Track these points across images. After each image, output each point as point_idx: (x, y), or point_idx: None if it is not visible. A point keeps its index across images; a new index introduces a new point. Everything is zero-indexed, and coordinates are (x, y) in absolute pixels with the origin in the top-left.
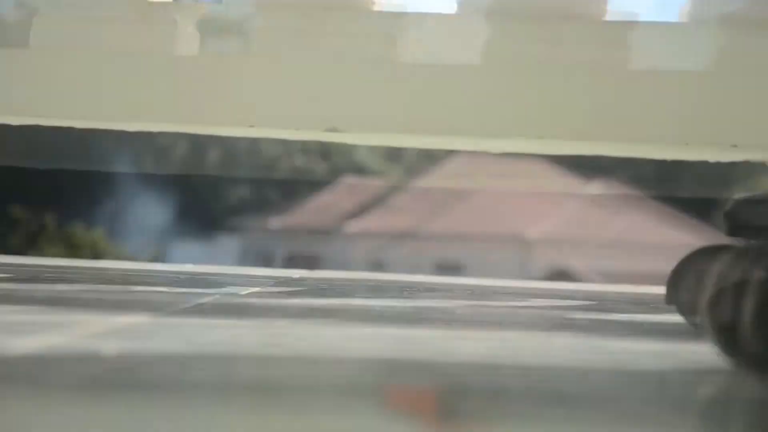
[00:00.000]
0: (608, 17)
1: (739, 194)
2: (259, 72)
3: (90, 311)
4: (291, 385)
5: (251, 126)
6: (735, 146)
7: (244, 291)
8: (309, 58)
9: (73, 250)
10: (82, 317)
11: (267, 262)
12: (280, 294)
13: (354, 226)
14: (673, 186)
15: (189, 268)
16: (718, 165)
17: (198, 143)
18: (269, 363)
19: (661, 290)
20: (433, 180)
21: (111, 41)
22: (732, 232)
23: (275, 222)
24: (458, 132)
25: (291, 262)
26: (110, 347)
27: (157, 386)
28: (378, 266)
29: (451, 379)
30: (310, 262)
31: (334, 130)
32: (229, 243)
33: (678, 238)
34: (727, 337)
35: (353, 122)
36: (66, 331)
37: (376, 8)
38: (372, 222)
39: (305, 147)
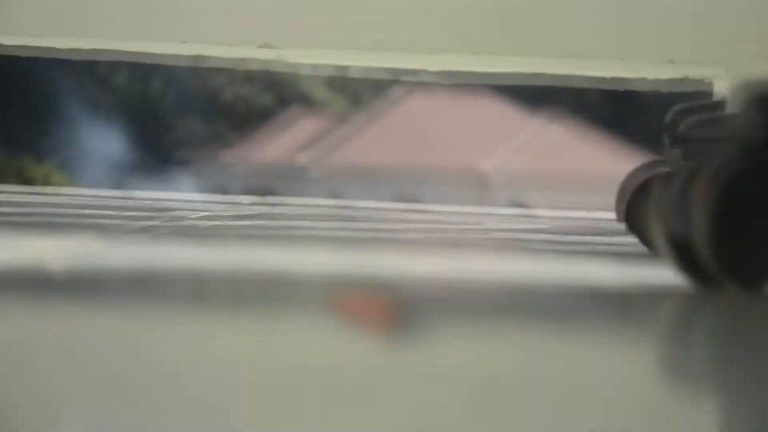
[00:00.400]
0: None
1: (677, 105)
2: None
3: (36, 232)
4: (241, 300)
5: (183, 42)
6: (671, 61)
7: (195, 215)
8: None
9: (25, 183)
10: (27, 238)
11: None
12: (231, 218)
13: (307, 160)
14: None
15: (139, 194)
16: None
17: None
18: (217, 279)
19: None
20: (385, 112)
21: None
22: (674, 144)
23: (228, 155)
24: (396, 48)
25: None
26: (57, 264)
27: (106, 299)
28: (335, 198)
29: (402, 293)
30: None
31: (267, 45)
32: (182, 176)
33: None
34: (680, 253)
35: (288, 38)
36: (10, 250)
37: None
38: (326, 155)
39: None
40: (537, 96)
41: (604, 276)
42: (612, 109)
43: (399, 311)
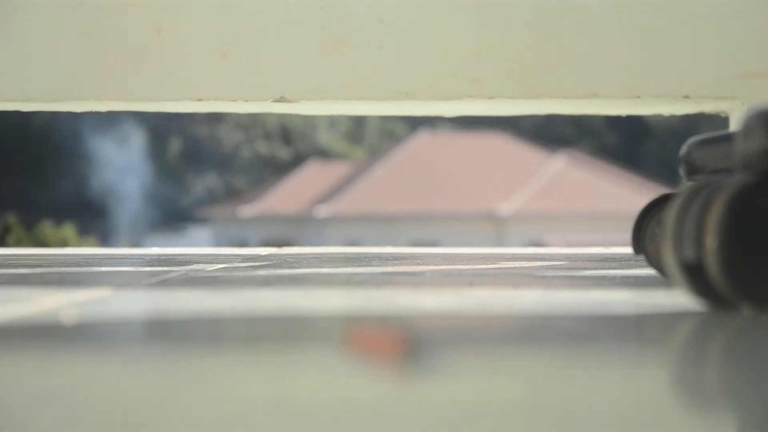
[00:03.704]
0: None
1: (692, 138)
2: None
3: (52, 288)
4: (257, 341)
5: (199, 100)
6: (687, 97)
7: (211, 267)
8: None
9: (42, 247)
10: (42, 293)
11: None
12: (247, 268)
13: (325, 211)
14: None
15: (155, 250)
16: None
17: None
18: (233, 323)
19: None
20: (398, 158)
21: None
22: (690, 176)
23: (245, 210)
24: (410, 96)
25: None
26: (70, 315)
27: (122, 347)
28: (353, 245)
29: (415, 327)
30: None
31: (283, 100)
32: (201, 233)
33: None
34: (694, 277)
35: (303, 91)
36: (26, 304)
37: None
38: (343, 205)
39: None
40: (554, 137)
41: (617, 301)
42: (628, 147)
43: (412, 345)
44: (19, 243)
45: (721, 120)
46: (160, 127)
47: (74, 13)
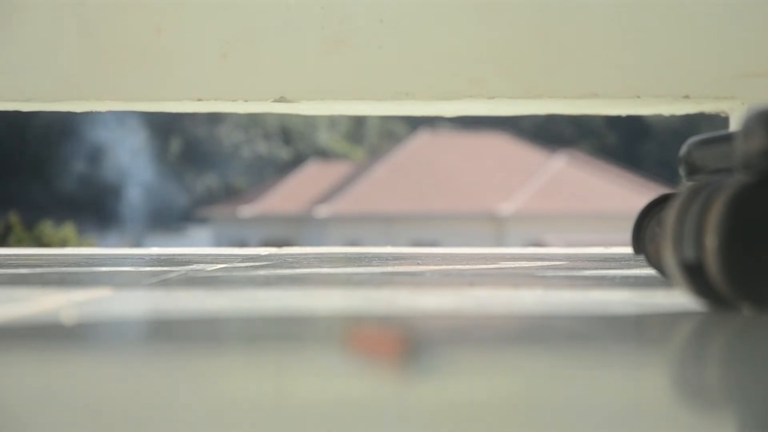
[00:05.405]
0: None
1: (693, 138)
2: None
3: (52, 288)
4: (257, 341)
5: (199, 100)
6: (687, 97)
7: (211, 267)
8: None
9: (43, 247)
10: (42, 293)
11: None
12: (247, 268)
13: (325, 211)
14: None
15: (155, 250)
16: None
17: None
18: (233, 323)
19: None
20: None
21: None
22: (690, 175)
23: (245, 210)
24: (410, 96)
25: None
26: (70, 315)
27: (123, 347)
28: (353, 245)
29: (415, 327)
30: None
31: (283, 100)
32: (201, 233)
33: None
34: (694, 277)
35: (303, 91)
36: (25, 305)
37: None
38: (343, 205)
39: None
40: (554, 137)
41: (617, 301)
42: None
43: (412, 345)
44: (19, 243)
45: (721, 120)
46: (160, 127)
47: (74, 13)
